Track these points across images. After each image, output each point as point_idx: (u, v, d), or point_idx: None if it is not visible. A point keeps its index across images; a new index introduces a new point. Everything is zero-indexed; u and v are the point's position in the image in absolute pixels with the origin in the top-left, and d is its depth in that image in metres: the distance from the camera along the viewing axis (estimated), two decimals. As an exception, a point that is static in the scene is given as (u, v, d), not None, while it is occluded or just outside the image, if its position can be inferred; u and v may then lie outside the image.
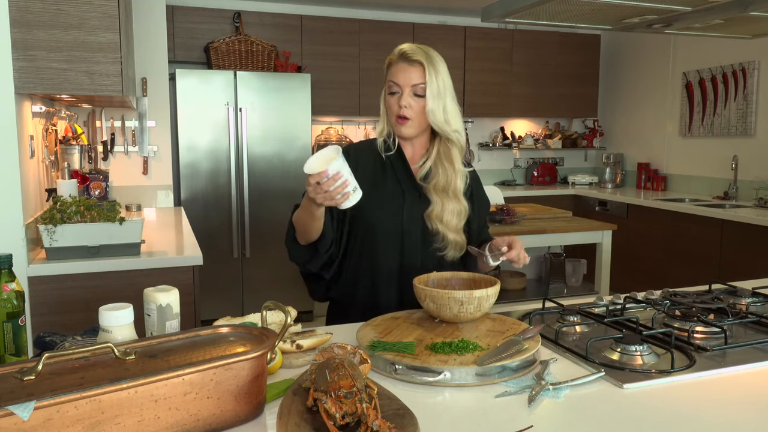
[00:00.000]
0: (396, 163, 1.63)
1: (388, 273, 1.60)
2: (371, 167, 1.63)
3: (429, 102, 1.54)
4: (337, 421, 0.85)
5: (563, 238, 3.35)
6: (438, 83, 1.54)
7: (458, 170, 1.59)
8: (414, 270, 1.58)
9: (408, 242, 1.60)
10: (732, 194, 4.50)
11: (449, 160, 1.59)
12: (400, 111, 1.55)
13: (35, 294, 2.11)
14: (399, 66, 1.55)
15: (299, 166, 4.38)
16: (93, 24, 2.09)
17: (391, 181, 1.62)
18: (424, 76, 1.53)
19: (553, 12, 1.95)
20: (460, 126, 1.59)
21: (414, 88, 1.54)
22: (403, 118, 1.55)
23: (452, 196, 1.59)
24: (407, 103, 1.54)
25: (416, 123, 1.56)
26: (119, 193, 3.79)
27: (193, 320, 2.29)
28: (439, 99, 1.54)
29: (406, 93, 1.54)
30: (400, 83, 1.54)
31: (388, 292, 1.60)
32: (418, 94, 1.54)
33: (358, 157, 1.62)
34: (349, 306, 1.64)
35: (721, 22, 2.02)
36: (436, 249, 1.59)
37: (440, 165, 1.60)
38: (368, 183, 1.58)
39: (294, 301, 1.56)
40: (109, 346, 0.92)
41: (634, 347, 1.22)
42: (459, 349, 1.17)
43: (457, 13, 5.31)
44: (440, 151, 1.60)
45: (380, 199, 1.60)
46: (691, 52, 4.95)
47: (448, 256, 1.60)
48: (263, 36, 4.56)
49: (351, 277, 1.63)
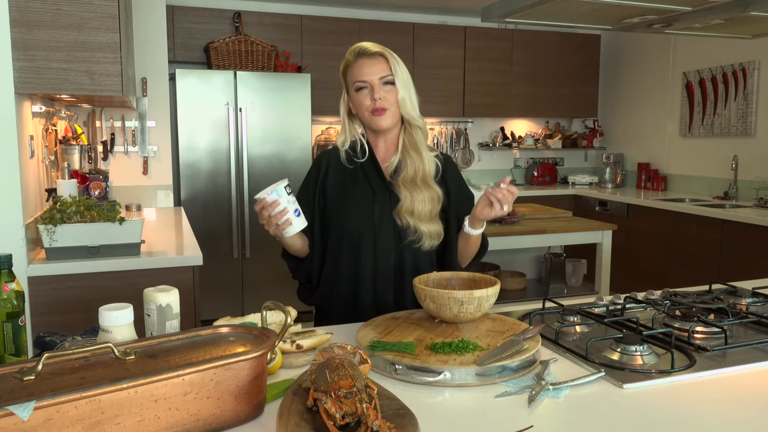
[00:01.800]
0: (367, 166, 1.63)
1: (364, 275, 1.60)
2: (341, 172, 1.64)
3: (400, 91, 1.55)
4: (337, 421, 0.85)
5: (563, 238, 3.35)
6: (403, 74, 1.56)
7: (425, 157, 1.59)
8: (389, 270, 1.60)
9: (381, 243, 1.59)
10: (732, 194, 4.50)
11: (415, 148, 1.59)
12: (375, 104, 1.54)
13: (35, 294, 2.10)
14: (360, 62, 1.55)
15: (299, 166, 4.39)
16: (93, 24, 2.09)
17: (362, 183, 1.62)
18: (389, 68, 1.54)
19: (553, 12, 1.94)
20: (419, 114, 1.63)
21: (383, 79, 1.54)
22: (380, 110, 1.55)
23: (421, 184, 1.58)
24: (380, 95, 1.54)
25: (392, 112, 1.57)
26: (119, 193, 3.79)
27: (193, 320, 2.29)
28: (407, 89, 1.56)
29: (378, 86, 1.54)
30: (368, 78, 1.54)
31: (366, 294, 1.61)
32: (389, 82, 1.55)
33: (329, 164, 1.66)
34: (329, 310, 1.66)
35: (721, 22, 2.01)
36: (411, 242, 1.58)
37: (408, 155, 1.60)
38: (339, 188, 1.63)
39: (294, 301, 1.56)
40: (109, 346, 0.92)
41: (634, 347, 1.22)
42: (459, 349, 1.17)
43: (457, 13, 5.31)
44: (405, 141, 1.61)
45: (351, 202, 1.60)
46: (691, 52, 4.95)
47: (424, 246, 1.59)
48: (263, 36, 4.56)
49: (329, 281, 1.65)
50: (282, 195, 1.40)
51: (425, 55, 5.12)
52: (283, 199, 1.40)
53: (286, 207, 1.40)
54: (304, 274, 1.68)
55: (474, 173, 5.72)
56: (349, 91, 1.61)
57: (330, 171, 1.65)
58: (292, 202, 1.42)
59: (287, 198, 1.41)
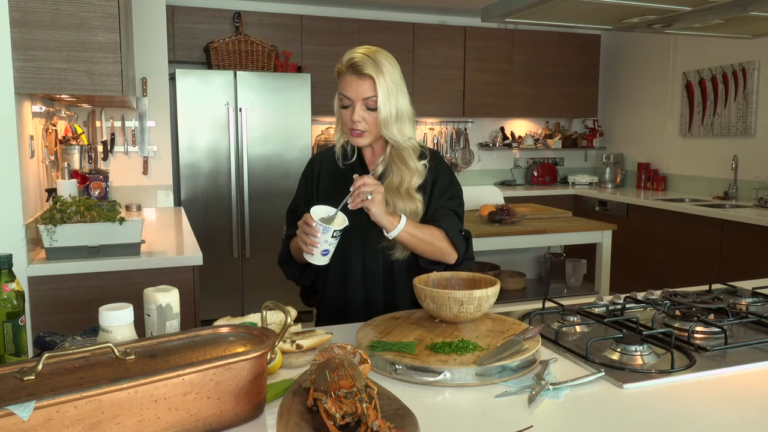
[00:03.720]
0: (356, 167, 1.63)
1: (353, 275, 1.61)
2: (332, 172, 1.66)
3: (382, 113, 1.51)
4: (337, 421, 0.85)
5: (563, 238, 3.35)
6: (387, 96, 1.51)
7: (412, 168, 1.58)
8: (378, 271, 1.61)
9: (370, 243, 1.59)
10: (732, 194, 4.50)
11: (401, 159, 1.58)
12: (353, 125, 1.53)
13: (35, 294, 2.11)
14: (348, 78, 1.52)
15: (299, 166, 4.38)
16: (93, 24, 2.09)
17: (350, 184, 1.60)
18: (375, 89, 1.50)
19: (553, 12, 1.94)
20: (411, 132, 1.58)
21: (366, 101, 1.51)
22: (357, 131, 1.54)
23: (404, 195, 1.57)
24: (360, 117, 1.52)
25: (371, 134, 1.55)
26: (119, 193, 3.79)
27: (193, 320, 2.29)
28: (392, 109, 1.52)
29: (358, 107, 1.52)
30: (351, 97, 1.52)
31: (355, 295, 1.61)
32: (370, 107, 1.52)
33: (321, 165, 1.68)
34: (321, 311, 1.68)
35: (721, 22, 2.01)
36: (384, 248, 1.58)
37: (393, 164, 1.59)
38: (329, 188, 1.64)
39: (294, 301, 1.56)
40: (109, 346, 0.92)
41: (634, 347, 1.22)
42: (459, 349, 1.17)
43: (457, 13, 5.31)
44: (392, 154, 1.59)
45: (339, 202, 1.60)
46: (691, 52, 4.95)
47: (394, 256, 1.58)
48: (263, 36, 4.56)
49: (321, 282, 1.67)
50: (326, 232, 1.38)
51: (425, 55, 5.12)
52: (321, 236, 1.38)
53: (321, 243, 1.39)
54: (310, 278, 1.69)
55: (474, 173, 5.72)
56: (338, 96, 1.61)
57: (323, 172, 1.67)
58: (329, 243, 1.40)
59: (328, 238, 1.39)
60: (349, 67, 1.52)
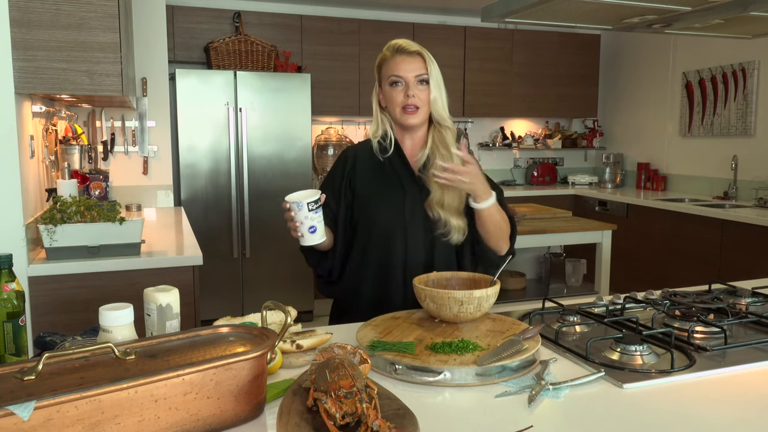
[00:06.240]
0: (394, 160, 1.65)
1: (395, 268, 1.62)
2: (370, 166, 1.66)
3: (433, 91, 1.59)
4: (337, 421, 0.85)
5: (563, 238, 3.35)
6: (436, 74, 1.59)
7: (454, 154, 1.61)
8: (420, 263, 1.61)
9: (412, 236, 1.61)
10: (732, 194, 4.50)
11: (445, 145, 1.62)
12: (408, 101, 1.57)
13: (35, 294, 2.11)
14: (398, 59, 1.58)
15: (299, 166, 4.39)
16: (93, 24, 2.09)
17: (391, 177, 1.65)
18: (425, 67, 1.58)
19: (553, 12, 1.94)
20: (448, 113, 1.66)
21: (418, 77, 1.57)
22: (411, 107, 1.58)
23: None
24: (414, 92, 1.57)
25: (423, 111, 1.60)
26: (119, 193, 3.79)
27: (193, 320, 2.29)
28: (439, 89, 1.60)
29: (413, 83, 1.57)
30: (403, 75, 1.57)
31: (396, 287, 1.62)
32: (423, 81, 1.58)
33: (356, 158, 1.68)
34: (353, 304, 1.67)
35: (721, 22, 2.01)
36: (440, 235, 1.60)
37: (438, 151, 1.62)
38: (368, 181, 1.65)
39: (294, 301, 1.57)
40: (109, 346, 0.92)
41: (634, 347, 1.22)
42: (459, 349, 1.17)
43: (457, 13, 5.31)
44: (435, 139, 1.63)
45: (381, 196, 1.63)
46: (691, 52, 4.95)
47: (452, 240, 1.60)
48: (263, 36, 4.56)
49: (355, 275, 1.66)
50: (301, 209, 1.38)
51: (425, 55, 5.11)
52: (299, 214, 1.39)
53: (302, 222, 1.40)
54: (327, 268, 1.69)
55: (474, 173, 5.71)
56: (382, 85, 1.64)
57: (358, 164, 1.68)
58: (309, 218, 1.40)
59: (305, 213, 1.39)
60: (396, 50, 1.59)
